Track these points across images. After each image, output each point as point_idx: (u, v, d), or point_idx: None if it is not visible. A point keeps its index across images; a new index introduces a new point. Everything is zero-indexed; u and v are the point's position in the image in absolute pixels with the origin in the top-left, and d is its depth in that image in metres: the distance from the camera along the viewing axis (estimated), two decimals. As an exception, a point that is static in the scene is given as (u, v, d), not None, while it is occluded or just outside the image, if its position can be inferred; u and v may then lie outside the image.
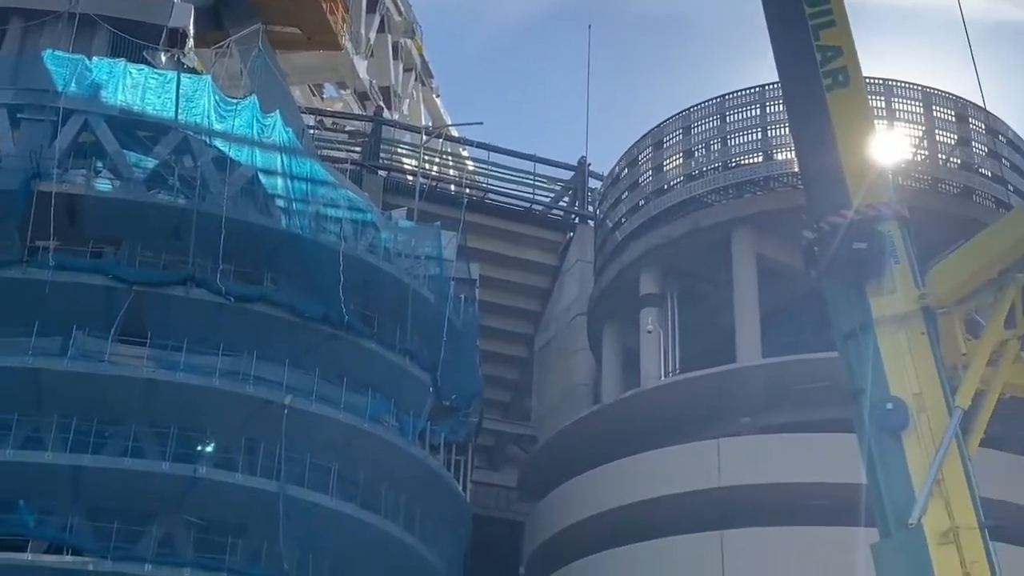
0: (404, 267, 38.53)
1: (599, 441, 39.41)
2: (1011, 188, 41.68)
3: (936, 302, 16.69)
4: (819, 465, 34.56)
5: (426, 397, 37.56)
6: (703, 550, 35.52)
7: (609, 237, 45.73)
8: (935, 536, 15.24)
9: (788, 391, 36.70)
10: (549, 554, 40.02)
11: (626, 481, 38.05)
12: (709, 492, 36.22)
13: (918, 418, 15.99)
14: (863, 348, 16.68)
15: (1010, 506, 31.74)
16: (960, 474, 15.73)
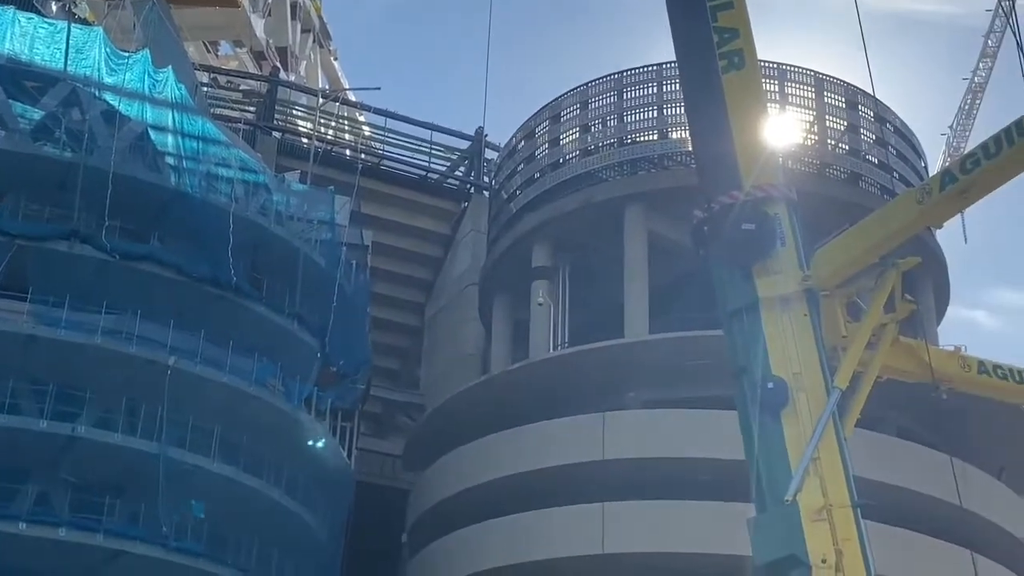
0: (295, 231, 38.14)
1: (486, 411, 39.53)
2: (896, 176, 42.62)
3: (819, 285, 16.98)
4: (702, 441, 35.11)
5: (314, 362, 37.30)
6: (584, 521, 35.90)
7: (503, 208, 45.77)
8: (809, 513, 15.56)
9: (674, 367, 37.14)
10: (432, 522, 40.10)
11: (512, 452, 38.24)
12: (593, 465, 36.57)
13: (797, 397, 16.28)
14: (747, 327, 16.93)
15: (883, 486, 32.55)
16: (836, 453, 16.07)
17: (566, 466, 36.89)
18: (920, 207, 16.74)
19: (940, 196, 16.44)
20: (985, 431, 38.16)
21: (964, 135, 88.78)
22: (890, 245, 17.25)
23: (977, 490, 36.72)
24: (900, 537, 34.24)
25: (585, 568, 35.55)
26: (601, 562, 35.39)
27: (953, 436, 37.33)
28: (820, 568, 15.25)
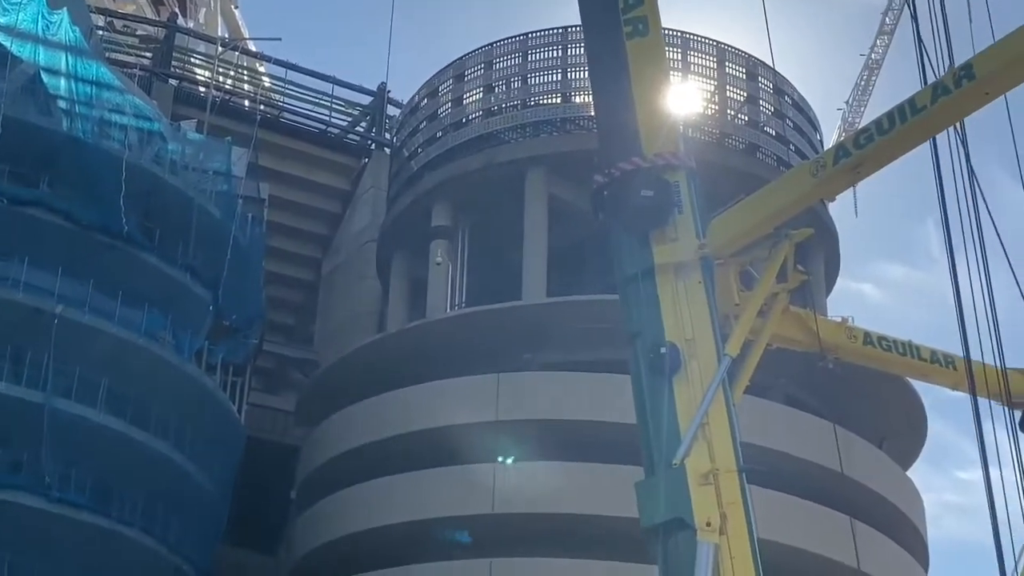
0: (190, 181, 37.50)
1: (381, 370, 39.41)
2: (793, 148, 43.24)
3: (714, 253, 17.14)
4: (596, 404, 35.44)
5: (205, 315, 36.80)
6: (474, 482, 36.06)
7: (404, 166, 45.49)
8: (696, 477, 15.75)
9: (571, 331, 37.38)
10: (323, 480, 39.94)
11: (405, 411, 38.21)
12: (487, 425, 36.71)
13: (689, 363, 16.44)
14: (643, 293, 17.03)
15: (769, 452, 33.21)
16: (724, 419, 16.28)
17: (459, 426, 36.98)
18: (814, 180, 16.96)
19: (834, 170, 16.67)
20: (869, 401, 39.11)
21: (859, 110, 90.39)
22: (784, 216, 17.47)
23: (859, 458, 37.68)
24: (783, 502, 35.00)
25: (477, 526, 35.74)
26: (492, 521, 35.60)
27: (838, 405, 38.18)
28: (704, 531, 15.48)
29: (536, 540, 35.26)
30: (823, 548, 35.20)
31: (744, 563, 15.51)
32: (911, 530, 40.98)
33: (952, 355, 18.35)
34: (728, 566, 15.42)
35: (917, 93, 15.92)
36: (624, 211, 17.33)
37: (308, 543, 39.54)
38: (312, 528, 39.63)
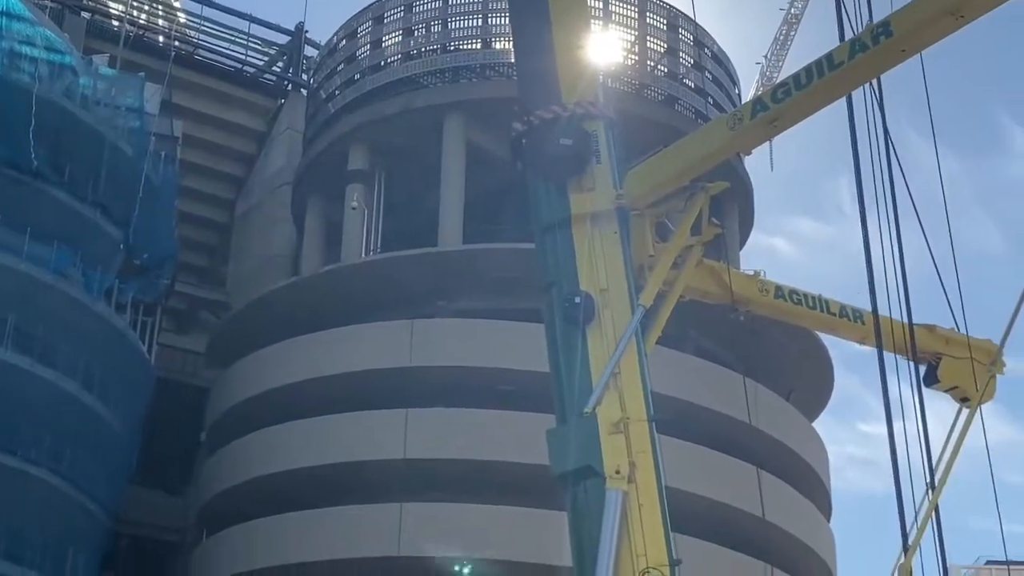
0: (102, 117, 36.72)
1: (294, 313, 39.16)
2: (711, 101, 43.47)
3: (631, 204, 17.16)
4: (509, 351, 35.57)
5: (116, 254, 36.22)
6: (387, 426, 36.09)
7: (321, 108, 44.97)
8: (607, 425, 15.85)
9: (486, 278, 37.43)
10: (233, 422, 39.71)
11: (318, 355, 38.05)
12: (400, 371, 36.71)
13: (603, 313, 16.49)
14: (559, 242, 17.02)
15: (679, 402, 33.66)
16: (636, 369, 16.38)
17: (372, 371, 36.94)
18: (731, 133, 17.02)
19: (751, 123, 16.73)
20: (777, 354, 39.73)
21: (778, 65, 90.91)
22: (701, 169, 17.53)
23: (767, 410, 38.32)
24: (692, 451, 35.51)
25: (388, 471, 35.80)
26: (404, 466, 35.69)
27: (747, 357, 38.74)
28: (614, 478, 15.61)
29: (447, 486, 35.46)
30: (730, 497, 35.82)
31: (652, 510, 15.69)
32: (815, 481, 41.85)
33: (860, 310, 18.60)
34: (636, 513, 15.59)
35: (835, 49, 16.01)
36: (542, 159, 17.29)
37: (217, 485, 39.36)
38: (221, 470, 39.43)
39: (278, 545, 36.19)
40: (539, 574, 32.93)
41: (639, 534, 15.49)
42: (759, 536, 34.37)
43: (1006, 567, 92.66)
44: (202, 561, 39.20)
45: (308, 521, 36.14)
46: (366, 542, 35.07)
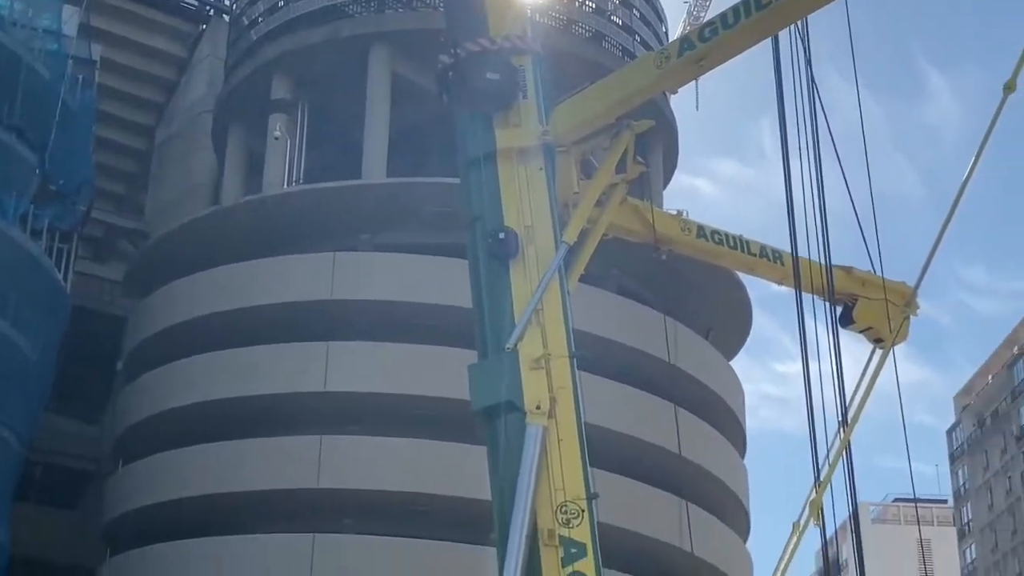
0: (18, 38, 35.71)
1: (214, 243, 38.72)
2: (638, 39, 43.43)
3: (556, 140, 17.11)
4: (432, 286, 35.55)
5: (31, 179, 35.41)
6: (308, 359, 35.96)
7: (243, 35, 44.21)
8: (528, 361, 15.92)
9: (410, 212, 37.26)
10: (150, 352, 39.31)
11: (238, 286, 37.74)
12: (321, 304, 36.54)
13: (527, 250, 16.49)
14: (484, 177, 16.95)
15: (600, 339, 33.89)
16: (558, 306, 16.44)
17: (294, 304, 36.73)
18: (658, 71, 17.02)
19: (678, 62, 16.74)
20: (698, 293, 40.16)
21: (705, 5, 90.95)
22: (627, 106, 17.51)
23: (686, 348, 38.78)
24: (611, 388, 35.85)
25: (308, 404, 35.72)
26: (324, 399, 35.64)
27: (668, 296, 39.14)
28: (534, 414, 15.71)
29: (367, 419, 35.51)
30: (648, 433, 36.28)
31: (571, 446, 15.83)
32: (731, 418, 42.52)
33: (780, 251, 18.78)
34: (555, 448, 15.72)
35: (762, -11, 16.03)
36: (469, 93, 17.15)
37: (134, 414, 39.04)
38: (137, 400, 39.10)
39: (195, 476, 36.05)
40: (459, 507, 33.18)
41: (558, 469, 15.63)
42: (675, 472, 34.91)
43: (913, 504, 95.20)
44: (117, 490, 38.93)
45: (226, 452, 36.02)
46: (285, 474, 35.04)
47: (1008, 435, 79.13)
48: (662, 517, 36.21)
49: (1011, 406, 78.84)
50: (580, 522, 15.44)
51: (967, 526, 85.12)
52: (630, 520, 34.37)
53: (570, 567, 15.26)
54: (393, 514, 34.80)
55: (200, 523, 35.48)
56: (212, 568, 34.66)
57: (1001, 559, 79.17)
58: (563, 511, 15.45)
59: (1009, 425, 79.01)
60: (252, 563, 34.25)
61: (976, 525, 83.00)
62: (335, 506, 34.89)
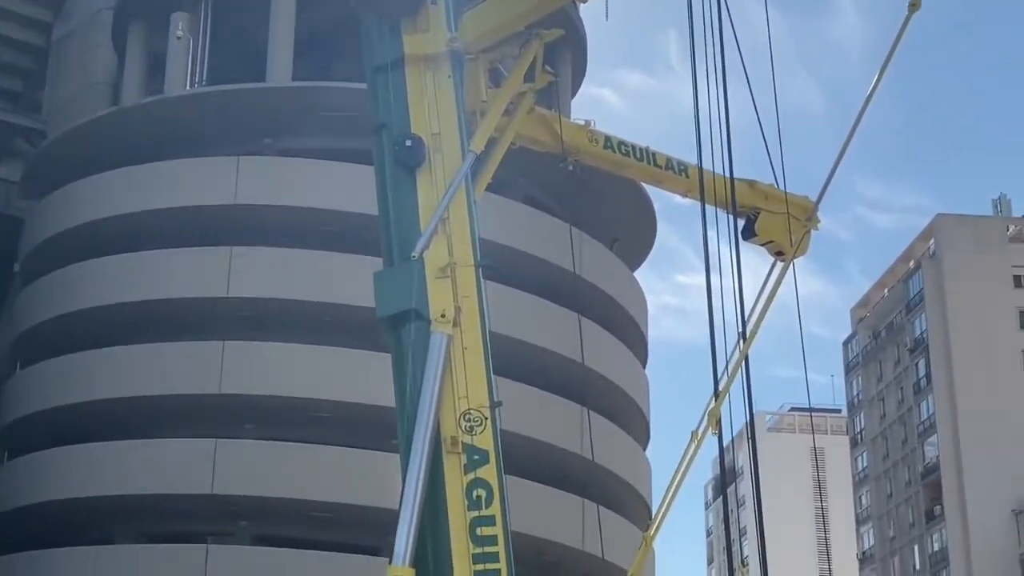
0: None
1: (114, 145, 37.91)
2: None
3: (465, 47, 16.96)
4: (336, 192, 35.28)
5: (-78, 74, 34.29)
6: (210, 263, 35.57)
7: (146, -70, 42.85)
8: (433, 270, 15.91)
9: (315, 116, 36.77)
10: (48, 254, 38.56)
11: (138, 188, 37.06)
12: (224, 208, 36.08)
13: (434, 157, 16.39)
14: (390, 83, 16.75)
15: (506, 249, 33.96)
16: (464, 214, 16.40)
17: (195, 207, 36.21)
18: (568, -20, 16.95)
19: (588, -29, 16.68)
20: (603, 204, 40.35)
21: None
22: (536, 14, 17.38)
23: (591, 258, 39.08)
24: (517, 298, 36.06)
25: (210, 309, 35.40)
26: (227, 305, 35.31)
27: (574, 206, 39.27)
28: (439, 322, 15.75)
29: (270, 325, 35.31)
30: (551, 342, 36.62)
31: (475, 354, 15.93)
32: (634, 329, 43.06)
33: (685, 163, 18.92)
34: (460, 357, 15.81)
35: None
36: (376, -3, 16.90)
37: (31, 318, 38.38)
38: (35, 303, 38.41)
39: (96, 380, 35.66)
40: (362, 414, 33.31)
41: (462, 377, 15.73)
42: (577, 380, 35.34)
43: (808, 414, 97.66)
44: (15, 393, 38.38)
45: (127, 357, 35.63)
46: (187, 379, 34.81)
47: (902, 347, 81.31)
48: (563, 424, 36.72)
49: (905, 319, 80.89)
50: (483, 429, 15.60)
51: (860, 435, 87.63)
52: (532, 427, 34.80)
53: (472, 473, 15.44)
54: (296, 420, 34.83)
55: (101, 428, 35.19)
56: (113, 472, 34.46)
57: (891, 467, 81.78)
58: (466, 419, 15.59)
59: (903, 337, 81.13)
60: (153, 468, 34.10)
61: (868, 434, 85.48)
62: (237, 412, 34.80)
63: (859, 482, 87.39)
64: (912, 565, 78.23)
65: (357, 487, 33.07)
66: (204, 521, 34.35)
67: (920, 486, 77.29)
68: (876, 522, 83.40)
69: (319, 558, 33.56)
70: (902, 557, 79.52)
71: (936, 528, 74.99)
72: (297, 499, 33.70)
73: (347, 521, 33.79)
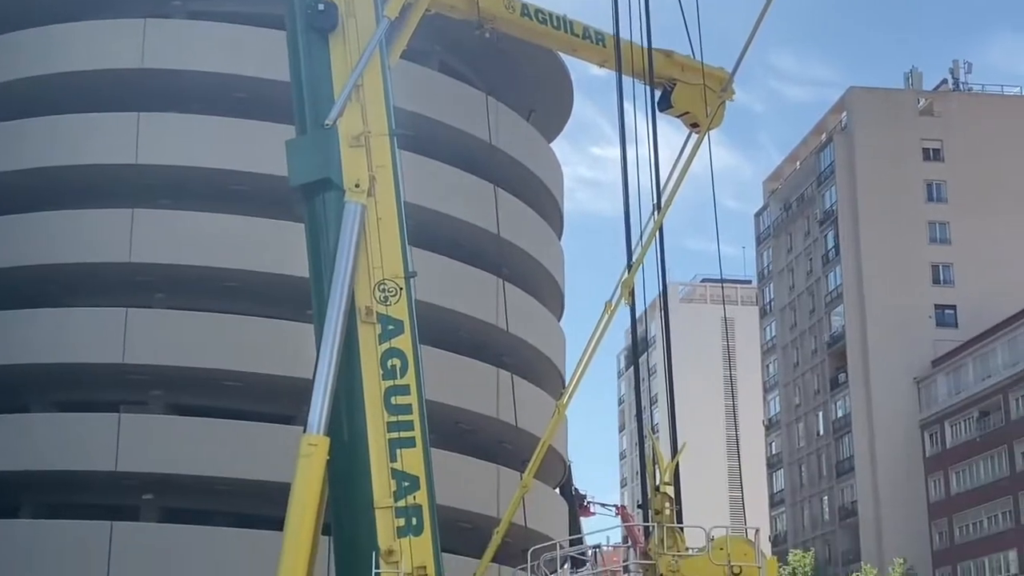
0: None
1: (15, 4, 36.60)
2: None
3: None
4: (247, 58, 34.51)
5: None
6: (118, 129, 34.77)
7: None
8: (347, 138, 15.74)
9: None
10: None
11: (41, 51, 35.81)
12: (130, 73, 35.15)
13: (347, 23, 16.11)
14: (303, -54, 16.37)
15: (420, 118, 33.57)
16: (379, 82, 16.18)
17: (101, 71, 35.23)
18: None
19: None
20: (520, 73, 40.00)
21: None
22: None
23: (507, 129, 38.83)
24: (431, 167, 35.80)
25: (118, 176, 34.70)
26: (134, 171, 34.63)
27: (491, 75, 38.91)
28: (353, 192, 15.63)
29: (181, 193, 34.74)
30: (467, 213, 36.55)
31: (390, 225, 15.87)
32: (550, 200, 43.09)
33: (603, 32, 18.82)
34: (374, 227, 15.74)
35: None
36: None
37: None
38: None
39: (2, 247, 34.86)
40: (274, 284, 33.11)
41: (376, 247, 15.68)
42: (493, 251, 35.35)
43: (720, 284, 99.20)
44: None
45: (34, 224, 34.77)
46: (95, 248, 34.17)
47: (812, 219, 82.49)
48: (479, 295, 36.86)
49: (816, 191, 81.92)
50: (398, 299, 15.61)
51: (769, 305, 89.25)
52: (447, 297, 34.90)
53: (387, 343, 15.49)
54: (206, 289, 34.54)
55: (5, 296, 34.56)
56: (20, 340, 33.92)
57: (799, 337, 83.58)
58: (381, 289, 15.58)
59: (813, 209, 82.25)
60: (61, 336, 33.66)
61: (777, 305, 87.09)
62: (147, 281, 34.38)
63: (767, 351, 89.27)
64: (816, 431, 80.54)
65: (271, 356, 33.00)
66: (115, 390, 34.12)
67: (826, 355, 79.18)
68: (782, 390, 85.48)
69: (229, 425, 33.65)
70: (806, 423, 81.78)
71: (840, 395, 77.07)
72: (210, 368, 33.56)
73: (261, 391, 33.79)
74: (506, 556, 19.70)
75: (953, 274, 76.49)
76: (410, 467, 15.15)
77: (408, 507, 14.98)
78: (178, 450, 32.82)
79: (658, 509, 16.22)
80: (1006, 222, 76.56)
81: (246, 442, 33.09)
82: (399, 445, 15.17)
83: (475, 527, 32.38)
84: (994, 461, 67.66)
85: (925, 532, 71.74)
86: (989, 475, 67.84)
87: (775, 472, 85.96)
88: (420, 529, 14.97)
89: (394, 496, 14.98)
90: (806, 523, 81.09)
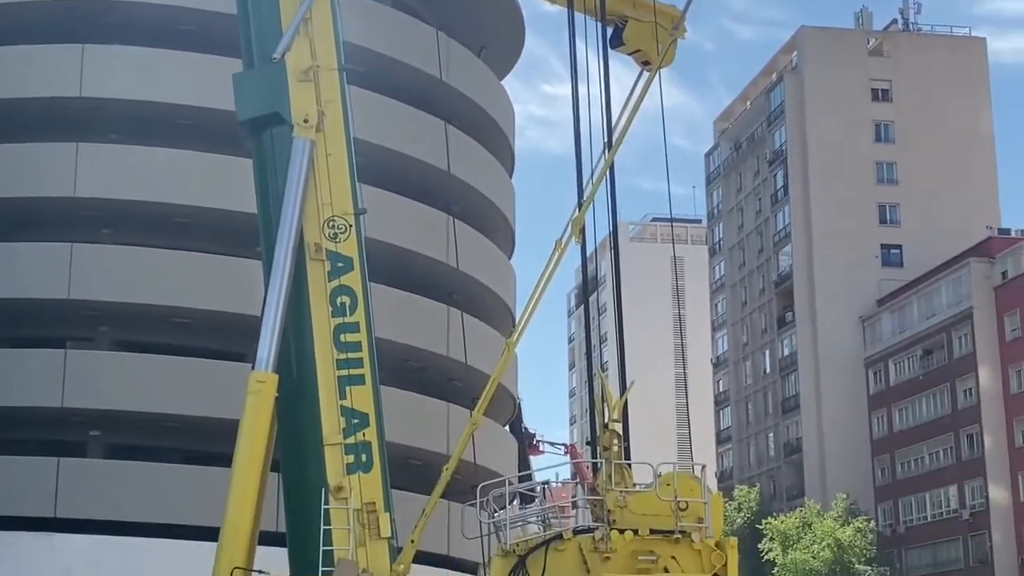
0: None
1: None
2: None
3: None
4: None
5: None
6: (62, 61, 34.16)
7: None
8: (296, 73, 15.58)
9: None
10: None
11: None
12: (74, 3, 34.50)
13: (296, -47, 15.88)
14: None
15: (370, 53, 33.24)
16: (328, 16, 15.99)
17: (44, 3, 34.53)
18: None
19: None
20: (471, 8, 39.66)
21: None
22: None
23: (458, 65, 38.54)
24: (380, 103, 35.52)
25: (63, 109, 34.16)
26: (80, 105, 34.09)
27: (441, 10, 38.54)
28: (302, 127, 15.49)
29: (127, 127, 34.26)
30: (418, 150, 36.35)
31: (339, 160, 15.78)
32: (501, 138, 42.93)
33: (555, -32, 18.64)
34: (323, 162, 15.63)
35: None
36: None
37: None
38: None
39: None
40: (222, 219, 32.83)
41: (325, 183, 15.58)
42: (443, 188, 35.25)
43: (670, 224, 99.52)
44: None
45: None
46: (39, 181, 33.63)
47: (761, 159, 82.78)
48: (428, 232, 36.76)
49: (766, 131, 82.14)
50: (347, 236, 15.55)
51: (718, 244, 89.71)
52: (397, 235, 34.78)
53: (336, 280, 15.44)
54: (154, 225, 34.18)
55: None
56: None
57: (747, 276, 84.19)
58: (330, 225, 15.51)
59: (763, 149, 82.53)
60: (6, 271, 33.19)
61: (726, 244, 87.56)
62: (93, 216, 33.96)
63: (716, 290, 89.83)
64: (763, 369, 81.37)
65: (220, 293, 32.78)
66: (62, 326, 33.81)
67: (773, 294, 79.81)
68: (730, 328, 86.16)
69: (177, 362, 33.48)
70: (754, 361, 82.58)
71: (787, 334, 77.82)
72: (157, 304, 33.29)
73: (210, 328, 33.60)
74: (456, 492, 19.78)
75: (899, 214, 77.15)
76: (360, 404, 15.18)
77: (358, 444, 15.03)
78: (125, 387, 32.62)
79: (606, 446, 16.35)
80: (952, 163, 77.22)
81: (194, 379, 32.93)
82: (349, 382, 15.18)
83: (425, 464, 32.52)
84: (936, 399, 68.76)
85: (868, 468, 72.92)
86: (931, 412, 68.97)
87: (722, 409, 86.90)
88: (369, 466, 15.02)
89: (343, 433, 15.01)
90: (752, 459, 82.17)
